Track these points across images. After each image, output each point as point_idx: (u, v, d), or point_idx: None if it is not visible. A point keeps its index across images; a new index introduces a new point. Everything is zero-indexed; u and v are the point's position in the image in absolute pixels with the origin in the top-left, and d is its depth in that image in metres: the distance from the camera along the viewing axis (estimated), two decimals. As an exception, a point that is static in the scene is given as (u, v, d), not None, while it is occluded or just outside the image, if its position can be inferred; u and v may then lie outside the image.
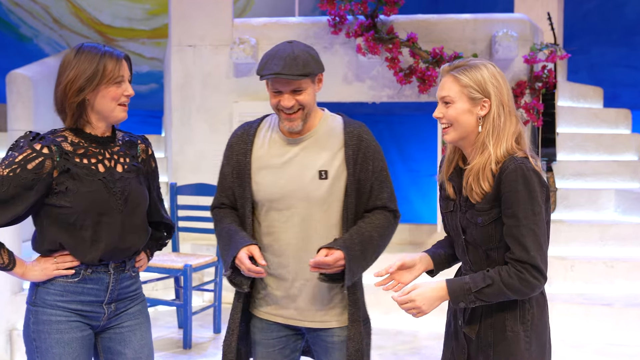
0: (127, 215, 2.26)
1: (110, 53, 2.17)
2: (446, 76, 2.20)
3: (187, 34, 5.91)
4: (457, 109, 2.15)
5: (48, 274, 2.20)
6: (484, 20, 5.66)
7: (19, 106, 5.71)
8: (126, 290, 2.35)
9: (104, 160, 2.23)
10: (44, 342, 2.19)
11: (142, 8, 10.38)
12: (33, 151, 2.11)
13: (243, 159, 2.47)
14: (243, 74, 5.86)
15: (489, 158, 2.13)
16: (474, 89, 2.14)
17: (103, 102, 2.19)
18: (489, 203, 2.14)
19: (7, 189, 2.08)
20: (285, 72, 2.30)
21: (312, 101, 2.40)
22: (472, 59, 2.22)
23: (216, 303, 4.74)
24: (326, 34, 5.72)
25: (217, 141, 5.88)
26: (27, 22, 9.82)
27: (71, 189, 2.15)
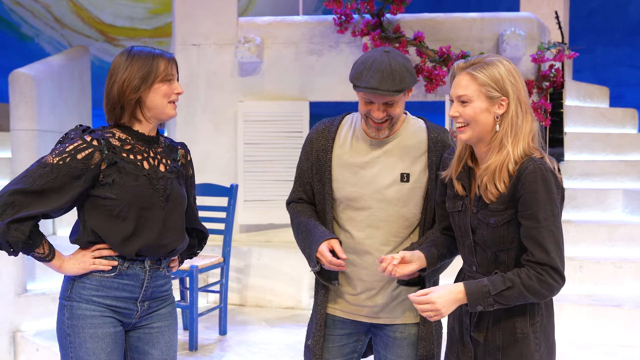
0: (168, 212, 2.31)
1: (161, 54, 2.29)
2: (462, 74, 2.15)
3: (191, 33, 5.87)
4: (475, 108, 2.11)
5: (86, 268, 2.25)
6: (491, 19, 5.62)
7: (22, 105, 5.66)
8: (159, 290, 2.39)
9: (148, 158, 2.30)
10: (78, 336, 2.25)
11: (144, 7, 10.34)
12: (83, 142, 2.19)
13: (324, 155, 2.51)
14: (248, 73, 5.81)
15: (507, 158, 2.09)
16: (492, 88, 2.10)
17: (156, 99, 2.27)
18: (503, 204, 2.10)
19: (56, 177, 2.13)
20: (382, 88, 2.28)
21: (401, 112, 2.41)
22: (487, 55, 2.17)
23: (222, 304, 4.69)
24: (332, 33, 5.68)
25: (221, 141, 5.84)
26: (29, 22, 9.79)
27: (117, 182, 2.21)
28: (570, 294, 4.98)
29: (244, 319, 5.15)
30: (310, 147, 2.56)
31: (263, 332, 4.85)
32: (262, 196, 5.71)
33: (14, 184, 2.14)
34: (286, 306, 5.48)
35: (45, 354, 4.50)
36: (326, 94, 5.77)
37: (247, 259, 5.57)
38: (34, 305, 4.77)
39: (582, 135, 6.19)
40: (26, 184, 2.12)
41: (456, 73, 2.18)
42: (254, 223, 5.82)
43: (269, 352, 4.41)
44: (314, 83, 5.76)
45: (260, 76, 5.81)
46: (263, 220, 5.77)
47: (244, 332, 4.81)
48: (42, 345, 4.54)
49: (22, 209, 2.10)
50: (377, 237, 2.46)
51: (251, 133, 5.73)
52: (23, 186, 2.12)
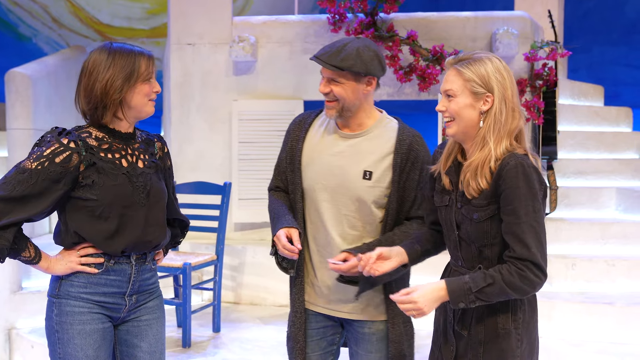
0: (149, 208, 2.33)
1: (141, 52, 2.28)
2: (450, 69, 2.19)
3: (186, 32, 5.89)
4: (459, 103, 2.14)
5: (72, 267, 2.27)
6: (484, 18, 5.64)
7: (18, 105, 5.69)
8: (146, 283, 2.42)
9: (126, 156, 2.31)
10: (66, 333, 2.26)
11: (141, 7, 10.37)
12: (60, 145, 2.18)
13: (296, 145, 2.54)
14: (242, 72, 5.84)
15: (489, 154, 2.11)
16: (476, 84, 2.12)
17: (137, 99, 2.27)
18: (486, 199, 2.12)
19: (36, 182, 2.14)
20: (322, 59, 2.37)
21: (350, 97, 2.41)
22: (479, 52, 2.20)
23: (215, 302, 4.72)
24: (326, 32, 5.70)
25: (216, 140, 5.86)
26: (26, 22, 9.81)
27: (97, 182, 2.22)
28: (563, 292, 5.00)
29: (238, 317, 5.17)
30: (287, 138, 2.62)
31: (257, 329, 4.87)
32: (256, 194, 5.74)
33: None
34: (280, 304, 5.50)
35: (40, 351, 4.52)
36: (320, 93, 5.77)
37: (241, 257, 5.59)
38: (29, 302, 4.79)
39: (576, 133, 6.21)
40: (6, 190, 2.13)
41: (447, 68, 2.22)
42: (248, 221, 5.85)
43: (263, 350, 4.43)
44: (308, 82, 5.78)
45: (254, 75, 5.83)
46: (257, 219, 5.80)
47: (238, 330, 4.83)
48: (37, 343, 4.56)
49: (3, 217, 2.12)
50: (340, 230, 2.48)
51: (246, 132, 5.76)
52: (3, 193, 2.12)
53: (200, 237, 5.52)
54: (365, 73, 2.38)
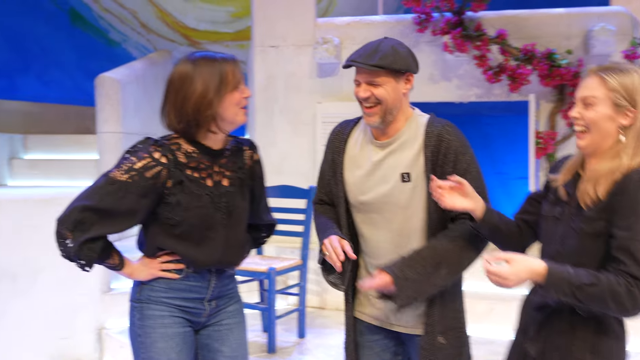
0: (230, 229, 2.30)
1: (224, 58, 2.20)
2: (592, 76, 2.03)
3: (269, 35, 5.89)
4: (598, 113, 1.98)
5: (154, 274, 2.27)
6: (578, 14, 5.38)
7: (108, 108, 5.82)
8: (226, 288, 2.40)
9: (212, 174, 2.26)
10: (149, 336, 2.26)
11: (226, 11, 10.49)
12: (152, 160, 2.16)
13: (337, 157, 2.45)
14: (326, 74, 5.79)
15: (617, 168, 1.95)
16: (620, 95, 1.97)
17: (229, 109, 2.20)
18: (597, 212, 1.95)
19: (125, 195, 2.12)
20: (360, 60, 2.26)
21: (392, 98, 2.29)
22: (624, 63, 2.07)
23: (301, 307, 4.67)
24: (411, 33, 5.58)
25: (300, 143, 5.83)
26: (116, 27, 10.07)
27: (181, 202, 2.19)
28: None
29: (322, 322, 5.12)
30: (328, 149, 2.52)
31: (341, 335, 4.77)
32: (340, 198, 5.66)
33: (83, 199, 2.14)
34: None
35: (129, 351, 4.59)
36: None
37: (325, 261, 5.53)
38: (118, 303, 4.88)
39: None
40: (95, 200, 2.12)
41: (587, 75, 2.06)
42: (332, 225, 5.78)
43: (347, 356, 4.35)
44: (393, 83, 5.66)
45: (338, 77, 5.77)
46: (342, 222, 5.72)
47: (323, 336, 4.77)
48: (126, 343, 4.63)
49: (92, 228, 2.13)
50: (388, 241, 2.37)
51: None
52: (92, 203, 2.12)
53: (285, 241, 5.50)
54: (405, 69, 2.29)
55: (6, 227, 4.45)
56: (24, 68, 8.99)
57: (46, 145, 6.55)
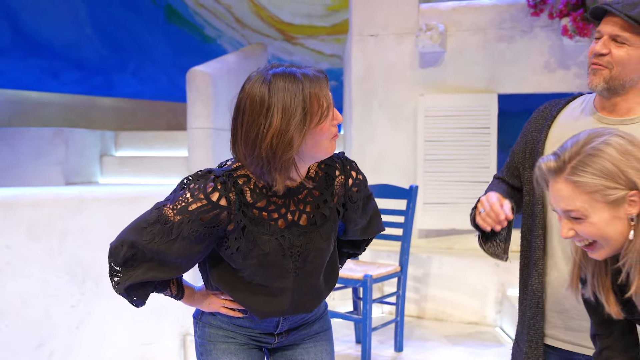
0: (305, 277, 1.90)
1: (308, 78, 1.71)
2: (559, 181, 1.51)
3: (368, 23, 5.49)
4: (596, 224, 1.50)
5: (215, 309, 1.97)
6: None
7: (198, 104, 5.61)
8: (299, 321, 2.05)
9: (286, 214, 1.84)
10: (210, 354, 2.01)
11: (322, 4, 10.22)
12: (209, 202, 1.76)
13: (537, 135, 2.08)
14: (430, 64, 5.33)
15: None
16: (609, 188, 1.47)
17: (313, 143, 1.75)
18: None
19: (176, 238, 1.77)
20: (617, 7, 1.86)
21: (632, 67, 1.90)
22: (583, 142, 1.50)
23: (398, 318, 4.25)
24: (525, 17, 5.05)
25: (400, 139, 5.41)
26: (211, 23, 10.00)
27: (243, 250, 1.81)
28: None
29: (421, 334, 4.68)
30: (527, 128, 2.13)
31: (443, 350, 4.35)
32: (443, 198, 5.20)
33: (133, 232, 1.81)
34: (469, 321, 4.94)
35: None
36: (517, 86, 5.14)
37: (426, 267, 5.09)
38: (205, 308, 4.64)
39: None
40: (144, 238, 1.79)
41: (548, 177, 1.55)
42: (434, 228, 5.33)
43: (451, 376, 3.91)
44: (504, 74, 5.15)
45: (442, 67, 5.30)
46: (444, 225, 5.26)
47: (422, 349, 4.34)
48: (211, 351, 4.38)
49: (140, 267, 1.81)
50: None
51: (432, 129, 5.24)
52: (141, 241, 1.79)
53: (382, 244, 5.10)
54: None
55: (93, 227, 4.28)
56: (120, 65, 9.01)
57: (137, 142, 6.43)
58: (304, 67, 1.75)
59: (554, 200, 1.54)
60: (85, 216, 4.24)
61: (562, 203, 1.52)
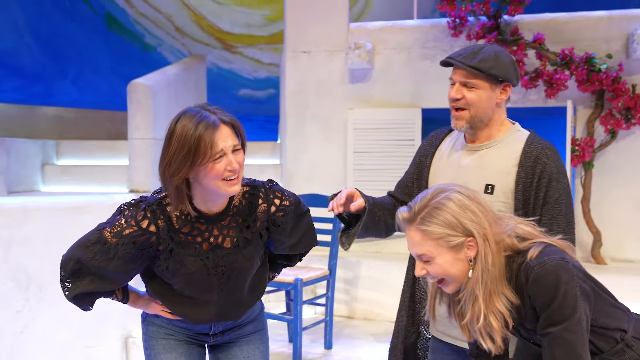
0: (229, 293, 2.18)
1: (208, 124, 1.93)
2: (411, 229, 1.85)
3: (302, 40, 5.81)
4: (441, 265, 1.83)
5: (153, 312, 2.26)
6: (620, 17, 5.19)
7: (139, 115, 5.80)
8: (231, 324, 2.32)
9: (209, 238, 2.11)
10: (153, 349, 2.28)
11: (261, 14, 10.47)
12: (139, 229, 2.04)
13: (425, 160, 2.43)
14: (358, 80, 5.68)
15: (480, 314, 1.80)
16: (450, 236, 1.80)
17: (208, 182, 1.99)
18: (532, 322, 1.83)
19: (113, 257, 2.05)
20: (459, 59, 2.21)
21: (483, 105, 2.23)
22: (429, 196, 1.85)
23: (327, 318, 4.58)
24: (445, 37, 5.45)
25: (330, 150, 5.74)
26: (152, 32, 10.12)
27: (171, 269, 2.09)
28: None
29: (350, 333, 5.02)
30: (418, 153, 2.51)
31: (370, 347, 4.69)
32: (371, 206, 5.56)
33: (79, 249, 2.08)
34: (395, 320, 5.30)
35: None
36: (440, 101, 5.53)
37: (355, 270, 5.44)
38: (146, 311, 4.85)
39: None
40: (87, 255, 2.06)
41: (402, 226, 1.89)
42: (363, 233, 5.67)
43: (375, 370, 4.26)
44: (427, 89, 5.55)
45: (370, 83, 5.66)
46: (373, 231, 5.61)
47: (351, 347, 4.67)
48: (152, 352, 4.60)
49: (84, 280, 2.09)
50: None
51: (361, 141, 5.59)
52: (85, 258, 2.06)
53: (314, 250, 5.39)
54: (503, 78, 2.20)
55: (35, 235, 4.45)
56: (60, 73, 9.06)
57: (79, 150, 6.56)
58: (214, 112, 1.98)
59: (409, 245, 1.86)
60: (30, 225, 4.41)
61: (414, 248, 1.85)
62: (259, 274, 2.27)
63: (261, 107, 10.60)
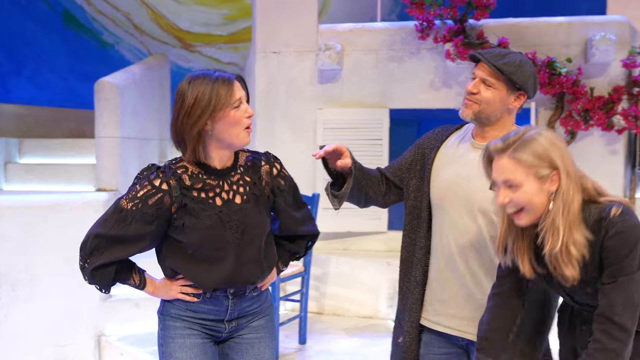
0: (244, 247, 2.27)
1: (221, 78, 2.17)
2: (503, 158, 2.00)
3: (271, 41, 5.87)
4: (526, 193, 1.97)
5: (173, 296, 2.31)
6: (579, 23, 5.42)
7: (106, 114, 5.77)
8: (247, 309, 2.38)
9: (221, 193, 2.25)
10: (168, 346, 2.32)
11: (220, 13, 10.45)
12: (152, 187, 2.19)
13: (429, 153, 2.51)
14: (328, 80, 5.78)
15: (559, 242, 1.95)
16: (539, 166, 1.96)
17: (223, 128, 2.18)
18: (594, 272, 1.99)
19: (131, 222, 2.17)
20: (486, 56, 2.33)
21: (494, 106, 2.35)
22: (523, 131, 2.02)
23: (302, 314, 4.67)
24: (413, 40, 5.59)
25: (300, 149, 5.82)
26: (109, 29, 10.00)
27: (188, 225, 2.20)
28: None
29: (322, 328, 5.12)
30: (420, 143, 2.59)
31: (343, 341, 4.80)
32: (340, 204, 5.66)
33: (97, 226, 2.22)
34: (364, 315, 5.42)
35: (129, 358, 4.57)
36: (407, 102, 5.68)
37: (325, 267, 5.54)
38: (118, 310, 4.85)
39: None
40: (105, 228, 2.19)
41: (493, 155, 2.04)
42: (332, 231, 5.78)
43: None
44: (395, 90, 5.69)
45: (340, 83, 5.77)
46: (341, 228, 5.73)
47: (324, 342, 4.77)
48: (126, 350, 4.61)
49: (103, 254, 2.18)
50: (462, 241, 2.39)
51: (331, 140, 5.68)
52: (104, 231, 2.19)
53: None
54: (520, 86, 2.33)
55: (6, 234, 4.41)
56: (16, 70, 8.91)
57: (42, 149, 6.48)
58: (223, 71, 2.21)
59: (497, 173, 2.01)
60: (1, 224, 4.38)
61: (503, 175, 1.99)
62: (269, 240, 2.37)
63: (220, 106, 10.58)
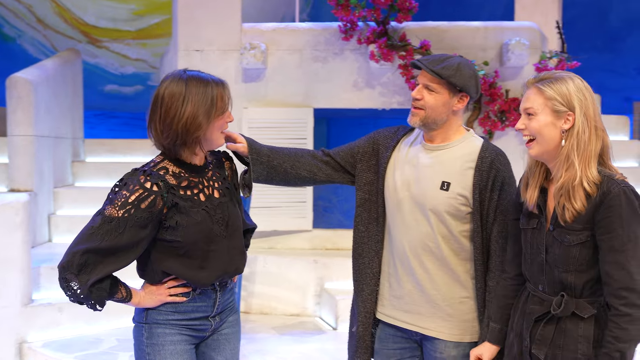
0: (230, 239, 2.32)
1: (215, 82, 2.23)
2: (531, 88, 2.20)
3: (194, 38, 5.81)
4: (540, 122, 2.15)
5: (162, 300, 2.28)
6: (494, 28, 5.67)
7: (20, 111, 5.54)
8: (226, 302, 2.42)
9: (203, 189, 2.29)
10: (159, 354, 2.28)
11: (127, 8, 10.21)
12: (144, 190, 2.16)
13: (384, 152, 2.56)
14: (252, 79, 5.78)
15: (576, 175, 2.09)
16: (558, 102, 2.12)
17: (214, 133, 2.25)
18: (580, 224, 2.10)
19: (124, 230, 2.12)
20: (424, 63, 2.39)
21: (438, 110, 2.41)
22: (560, 72, 2.20)
23: (234, 313, 4.66)
24: (337, 40, 5.68)
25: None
26: (10, 22, 9.58)
27: (180, 223, 2.20)
28: None
29: (252, 327, 5.12)
30: (376, 137, 2.62)
31: (274, 340, 4.83)
32: (266, 203, 5.69)
33: (82, 242, 2.12)
34: (291, 313, 5.47)
35: (53, 365, 4.42)
36: (331, 101, 5.77)
37: (251, 266, 5.54)
38: (41, 315, 4.68)
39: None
40: (95, 241, 2.11)
41: (526, 88, 2.22)
42: (258, 230, 5.75)
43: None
44: (319, 90, 5.76)
45: (264, 83, 5.78)
46: (267, 227, 5.75)
47: (255, 341, 4.78)
48: (51, 357, 4.45)
49: (96, 268, 2.12)
50: (414, 239, 2.46)
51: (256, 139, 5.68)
52: (93, 245, 2.11)
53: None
54: (461, 88, 2.39)
55: None
56: None
57: (-53, 148, 6.14)
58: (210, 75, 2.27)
59: (523, 102, 2.20)
60: None
61: (527, 102, 2.18)
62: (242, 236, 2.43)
63: (128, 103, 10.35)
